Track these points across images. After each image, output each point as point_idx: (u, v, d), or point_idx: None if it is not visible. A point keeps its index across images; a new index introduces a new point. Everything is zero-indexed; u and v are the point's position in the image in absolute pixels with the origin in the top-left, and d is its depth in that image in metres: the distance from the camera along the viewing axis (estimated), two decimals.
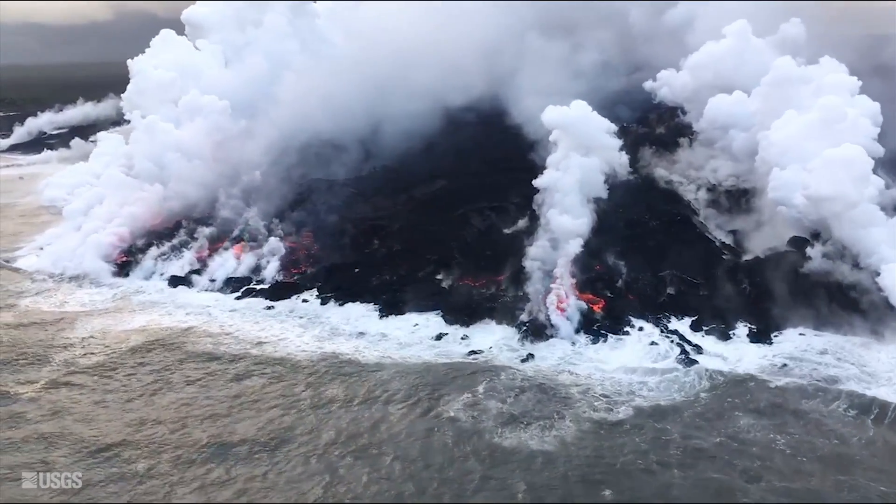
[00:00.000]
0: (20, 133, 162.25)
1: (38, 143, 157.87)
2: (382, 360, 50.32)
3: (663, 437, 40.05)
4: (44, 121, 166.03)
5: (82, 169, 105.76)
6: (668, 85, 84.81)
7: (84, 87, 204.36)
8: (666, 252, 61.57)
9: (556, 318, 52.98)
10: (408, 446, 39.71)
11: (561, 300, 54.53)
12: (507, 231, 69.92)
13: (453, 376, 47.31)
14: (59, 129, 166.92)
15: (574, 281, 56.69)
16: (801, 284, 55.53)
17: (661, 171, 75.99)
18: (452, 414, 42.59)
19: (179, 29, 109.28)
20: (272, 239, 69.60)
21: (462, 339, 53.12)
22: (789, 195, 59.06)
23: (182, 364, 50.23)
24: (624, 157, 65.78)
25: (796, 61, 68.83)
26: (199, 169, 79.06)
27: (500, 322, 55.11)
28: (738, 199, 70.21)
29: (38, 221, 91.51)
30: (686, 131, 79.75)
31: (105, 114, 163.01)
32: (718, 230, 68.74)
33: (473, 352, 51.08)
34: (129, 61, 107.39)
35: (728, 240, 66.78)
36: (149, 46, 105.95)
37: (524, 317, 54.35)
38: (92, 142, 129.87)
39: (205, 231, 72.25)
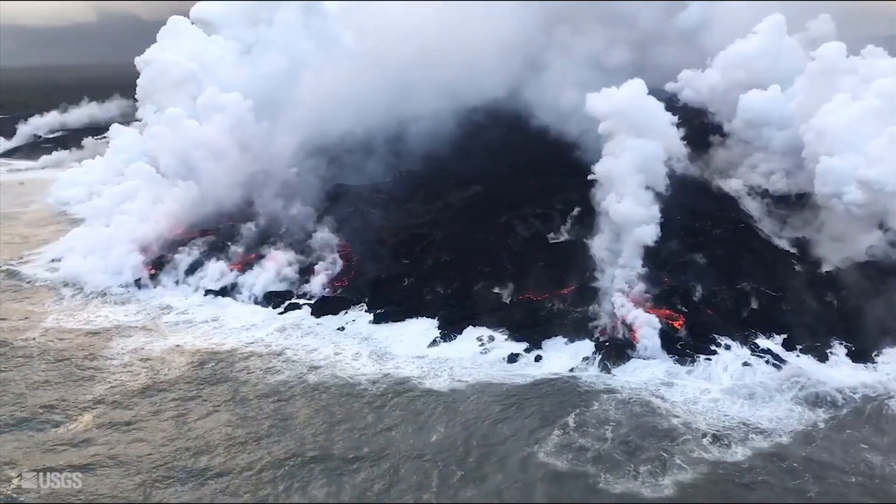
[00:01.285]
0: (23, 134, 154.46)
1: (32, 148, 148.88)
2: (454, 385, 45.09)
3: (793, 479, 35.24)
4: (48, 121, 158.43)
5: (99, 166, 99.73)
6: (690, 86, 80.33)
7: (73, 90, 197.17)
8: (737, 262, 56.70)
9: (638, 325, 48.02)
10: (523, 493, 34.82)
11: (632, 285, 50.45)
12: (552, 239, 65.26)
13: (538, 407, 42.16)
14: (55, 132, 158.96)
15: (645, 270, 52.34)
16: (889, 296, 50.90)
17: (693, 170, 71.52)
18: (547, 455, 37.57)
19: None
20: (324, 231, 64.71)
21: (536, 360, 47.99)
22: (841, 186, 54.60)
23: (239, 393, 44.87)
24: (683, 148, 61.02)
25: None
26: (230, 168, 73.45)
27: (572, 340, 50.04)
28: (792, 200, 65.71)
29: (49, 230, 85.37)
30: (715, 131, 75.26)
31: (108, 115, 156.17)
32: (776, 235, 64.19)
33: (553, 374, 45.95)
34: (137, 59, 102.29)
35: (783, 244, 62.09)
36: (132, 49, 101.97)
37: (599, 333, 49.40)
38: (104, 139, 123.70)
39: (250, 227, 67.06)
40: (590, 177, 56.59)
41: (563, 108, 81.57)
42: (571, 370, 46.42)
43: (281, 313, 57.21)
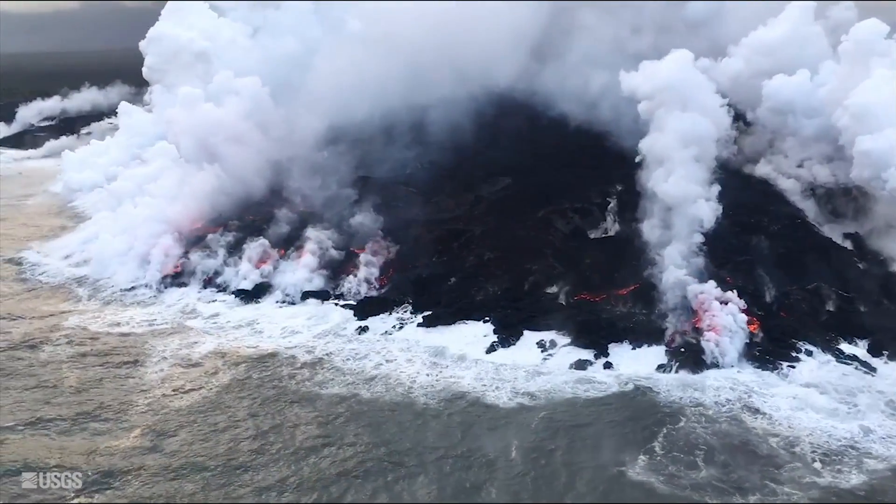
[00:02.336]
0: (23, 119, 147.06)
1: (25, 137, 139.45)
2: (521, 400, 40.67)
3: None
4: (51, 106, 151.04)
5: (111, 148, 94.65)
6: (707, 74, 75.80)
7: (61, 76, 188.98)
8: (801, 260, 52.51)
9: (714, 338, 43.74)
10: None
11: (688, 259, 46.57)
12: (594, 234, 61.21)
13: (619, 426, 37.95)
14: (51, 119, 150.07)
15: (704, 248, 48.80)
16: None
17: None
18: (639, 476, 33.62)
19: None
20: (366, 214, 60.87)
21: (605, 367, 43.80)
22: (882, 170, 50.40)
23: (294, 405, 40.65)
24: (732, 130, 59.03)
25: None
26: (254, 153, 68.97)
27: (639, 344, 45.86)
28: (837, 192, 61.57)
29: (54, 223, 79.93)
30: (737, 120, 70.94)
31: (110, 101, 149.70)
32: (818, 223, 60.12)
33: (627, 383, 41.82)
34: (141, 42, 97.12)
35: (835, 237, 58.05)
36: (116, 35, 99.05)
37: (670, 337, 45.33)
38: (107, 124, 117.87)
39: (286, 212, 62.86)
40: (637, 158, 53.45)
41: (583, 95, 77.45)
42: (650, 378, 42.23)
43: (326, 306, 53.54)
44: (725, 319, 43.96)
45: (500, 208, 64.61)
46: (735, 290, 47.78)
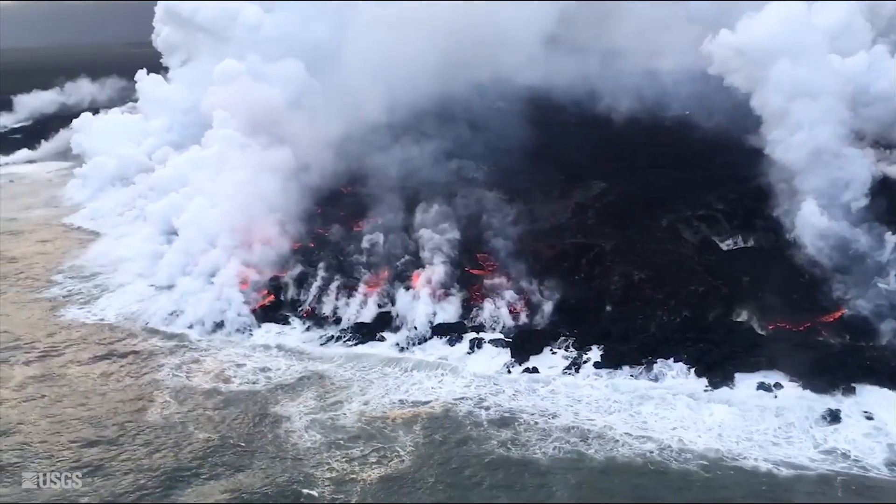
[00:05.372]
0: (24, 109, 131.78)
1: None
2: (784, 472, 31.09)
3: None
4: (46, 101, 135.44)
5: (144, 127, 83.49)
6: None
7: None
8: None
9: None
10: None
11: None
12: (728, 246, 52.39)
13: None
14: (21, 122, 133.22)
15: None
16: None
17: None
18: None
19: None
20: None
21: (869, 420, 34.25)
22: None
23: (507, 475, 31.27)
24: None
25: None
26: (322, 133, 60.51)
27: (891, 387, 36.29)
28: None
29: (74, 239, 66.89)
30: None
31: (106, 96, 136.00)
32: None
33: None
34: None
35: None
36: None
37: None
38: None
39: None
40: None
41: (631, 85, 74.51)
42: None
43: (469, 352, 42.56)
44: None
45: (611, 217, 55.39)
46: None
